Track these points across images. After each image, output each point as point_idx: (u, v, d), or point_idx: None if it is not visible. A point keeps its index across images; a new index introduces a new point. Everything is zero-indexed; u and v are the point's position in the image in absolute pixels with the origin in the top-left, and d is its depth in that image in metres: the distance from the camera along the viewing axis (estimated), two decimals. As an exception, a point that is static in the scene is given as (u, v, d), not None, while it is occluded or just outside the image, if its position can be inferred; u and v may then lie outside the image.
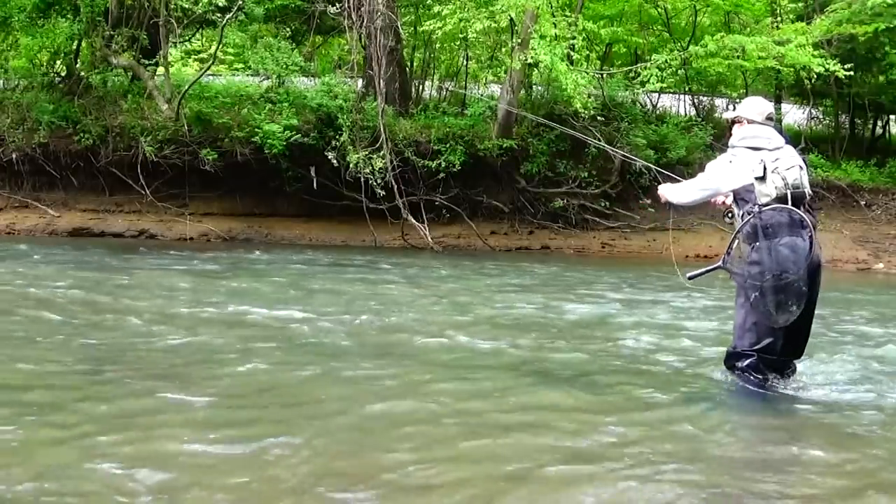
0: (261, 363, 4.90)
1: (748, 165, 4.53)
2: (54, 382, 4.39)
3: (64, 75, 15.30)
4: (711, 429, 3.90)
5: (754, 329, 4.51)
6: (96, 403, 3.97)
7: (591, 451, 3.50)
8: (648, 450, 3.49)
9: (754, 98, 5.18)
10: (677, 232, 15.35)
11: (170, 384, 4.33)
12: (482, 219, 14.96)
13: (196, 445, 3.38)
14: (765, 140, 4.66)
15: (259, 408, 4.06)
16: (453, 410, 4.10)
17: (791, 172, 4.48)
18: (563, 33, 13.35)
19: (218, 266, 10.12)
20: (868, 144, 19.63)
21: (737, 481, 3.19)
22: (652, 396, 4.48)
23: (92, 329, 5.79)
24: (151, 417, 3.80)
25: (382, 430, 3.72)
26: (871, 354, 5.85)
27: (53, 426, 3.62)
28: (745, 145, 4.66)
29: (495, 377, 4.85)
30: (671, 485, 3.08)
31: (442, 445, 3.56)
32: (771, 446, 3.71)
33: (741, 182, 4.56)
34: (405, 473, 3.17)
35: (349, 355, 5.32)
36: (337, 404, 4.15)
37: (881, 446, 3.74)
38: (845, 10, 15.46)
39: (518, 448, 3.52)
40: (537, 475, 3.18)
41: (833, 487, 3.17)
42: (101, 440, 3.42)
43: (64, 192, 14.10)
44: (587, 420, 3.96)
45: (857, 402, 4.51)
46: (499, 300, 8.17)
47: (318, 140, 13.79)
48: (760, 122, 4.73)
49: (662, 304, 8.18)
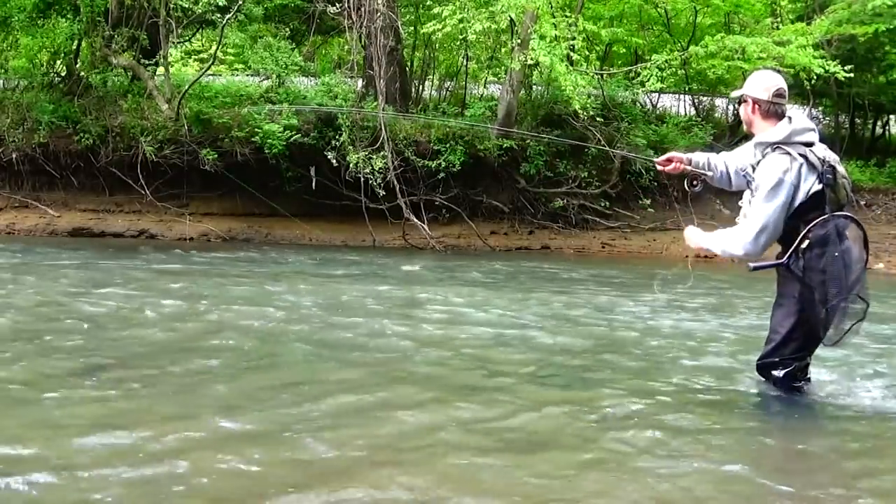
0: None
1: (811, 176, 3.95)
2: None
3: (64, 75, 15.29)
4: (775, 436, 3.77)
5: (801, 338, 4.14)
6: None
7: (627, 454, 3.45)
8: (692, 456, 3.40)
9: (762, 72, 4.39)
10: (677, 232, 15.35)
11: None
12: (482, 219, 14.96)
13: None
14: (812, 132, 4.07)
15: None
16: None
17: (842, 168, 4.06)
18: (563, 34, 13.34)
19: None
20: (868, 144, 19.65)
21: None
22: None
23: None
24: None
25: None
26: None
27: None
28: (801, 140, 4.02)
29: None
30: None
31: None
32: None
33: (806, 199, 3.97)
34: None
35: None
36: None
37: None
38: (845, 10, 15.48)
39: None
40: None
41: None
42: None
43: (64, 192, 14.10)
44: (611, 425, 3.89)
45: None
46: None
47: (318, 140, 13.79)
48: (769, 100, 4.11)
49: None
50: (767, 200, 3.96)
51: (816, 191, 3.98)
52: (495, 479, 3.10)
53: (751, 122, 4.21)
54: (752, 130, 4.23)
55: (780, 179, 3.95)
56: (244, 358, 5.06)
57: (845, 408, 4.31)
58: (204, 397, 4.12)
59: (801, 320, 4.07)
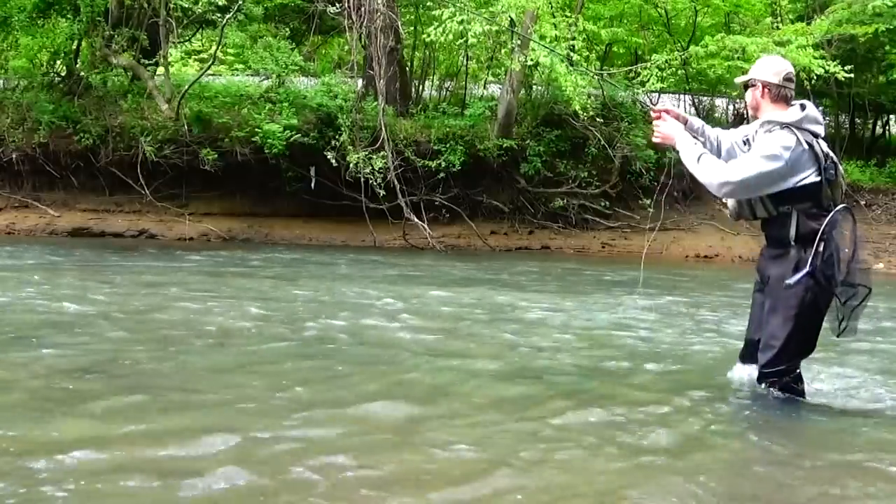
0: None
1: (815, 162, 3.86)
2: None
3: (64, 75, 15.31)
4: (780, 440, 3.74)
5: (801, 342, 4.04)
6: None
7: (631, 457, 3.42)
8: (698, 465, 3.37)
9: (771, 57, 4.32)
10: (677, 232, 15.39)
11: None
12: (482, 219, 14.98)
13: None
14: (821, 126, 3.97)
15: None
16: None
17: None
18: (564, 34, 13.35)
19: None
20: (868, 144, 19.68)
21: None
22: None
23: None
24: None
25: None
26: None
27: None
28: (810, 129, 3.90)
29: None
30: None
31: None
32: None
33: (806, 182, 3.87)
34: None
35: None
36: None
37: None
38: (845, 10, 15.49)
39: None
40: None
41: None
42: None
43: (64, 192, 14.12)
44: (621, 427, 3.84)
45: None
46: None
47: (318, 140, 13.80)
48: (779, 84, 3.99)
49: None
50: (760, 160, 3.84)
51: (814, 182, 3.89)
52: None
53: (758, 105, 4.07)
54: (758, 115, 4.10)
55: (779, 153, 3.83)
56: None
57: (846, 409, 4.31)
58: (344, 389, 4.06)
59: (799, 324, 3.99)
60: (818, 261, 3.88)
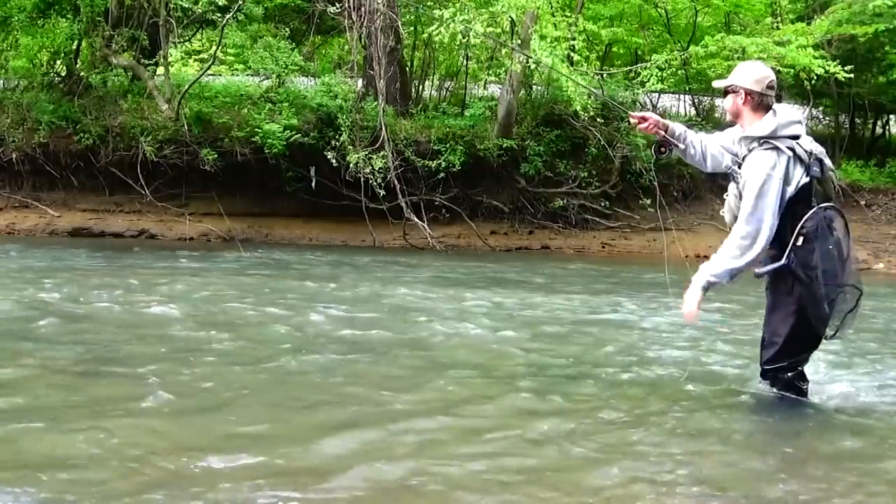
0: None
1: (800, 169, 3.92)
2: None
3: (64, 75, 15.31)
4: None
5: (803, 339, 4.05)
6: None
7: (634, 457, 3.42)
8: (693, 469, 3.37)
9: (751, 63, 4.36)
10: (677, 232, 15.35)
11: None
12: (482, 219, 14.97)
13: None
14: (798, 125, 4.00)
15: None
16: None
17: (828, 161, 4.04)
18: (564, 34, 13.34)
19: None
20: (868, 144, 19.66)
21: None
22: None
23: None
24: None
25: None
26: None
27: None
28: (787, 133, 3.94)
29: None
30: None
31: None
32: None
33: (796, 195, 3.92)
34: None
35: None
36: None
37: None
38: (845, 10, 15.49)
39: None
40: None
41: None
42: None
43: (64, 192, 14.11)
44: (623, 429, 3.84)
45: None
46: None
47: (318, 140, 13.79)
48: (761, 92, 3.99)
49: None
50: (758, 200, 3.87)
51: (804, 183, 3.93)
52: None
53: (739, 113, 4.08)
54: (737, 121, 4.13)
55: (767, 176, 3.87)
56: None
57: (847, 409, 4.30)
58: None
59: (799, 321, 4.00)
60: (794, 255, 3.90)
